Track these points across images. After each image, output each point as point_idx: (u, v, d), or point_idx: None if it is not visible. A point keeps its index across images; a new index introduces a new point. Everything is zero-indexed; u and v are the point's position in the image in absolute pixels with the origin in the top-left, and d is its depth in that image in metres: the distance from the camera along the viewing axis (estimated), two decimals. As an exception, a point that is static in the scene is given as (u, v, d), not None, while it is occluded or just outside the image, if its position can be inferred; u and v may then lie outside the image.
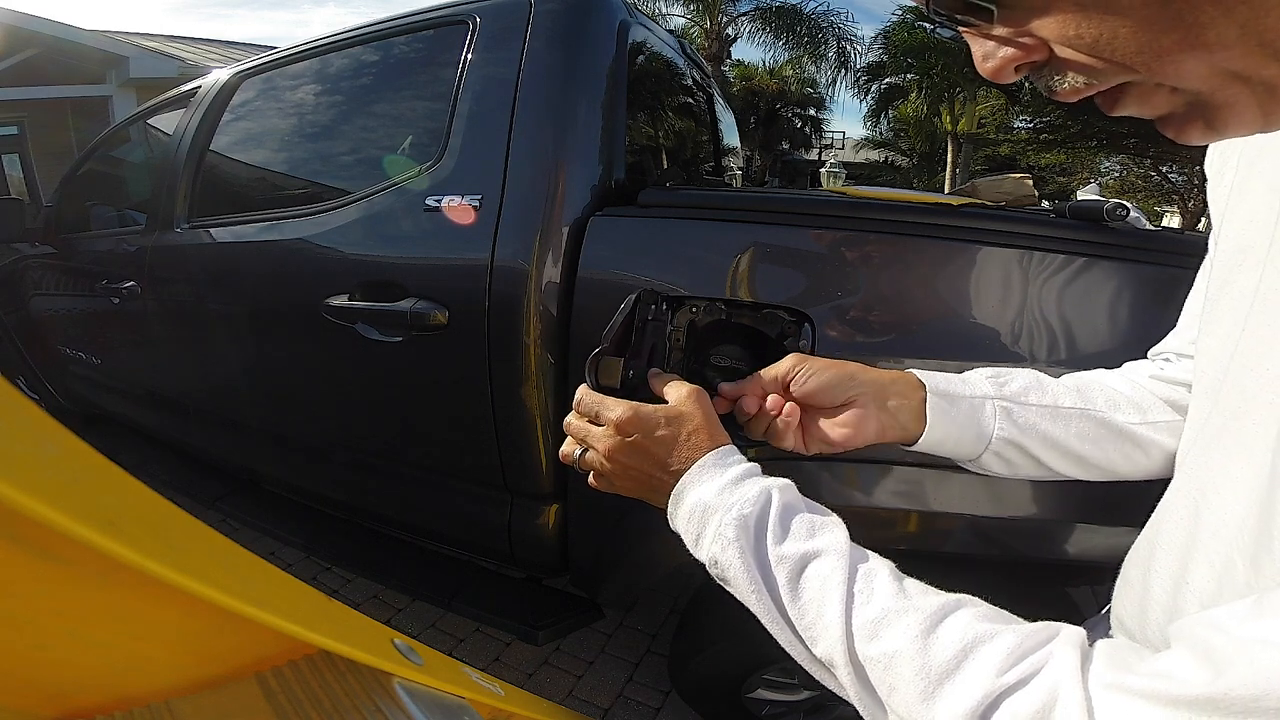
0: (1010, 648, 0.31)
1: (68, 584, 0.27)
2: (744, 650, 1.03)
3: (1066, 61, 0.28)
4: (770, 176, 9.80)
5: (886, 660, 0.34)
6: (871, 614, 0.35)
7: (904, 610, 0.34)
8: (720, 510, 0.42)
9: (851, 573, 0.37)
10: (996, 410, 0.50)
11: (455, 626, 1.59)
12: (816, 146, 17.27)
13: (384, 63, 1.28)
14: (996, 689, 0.30)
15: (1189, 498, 0.38)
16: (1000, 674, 0.30)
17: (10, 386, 0.26)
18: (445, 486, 1.19)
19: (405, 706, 0.37)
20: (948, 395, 0.50)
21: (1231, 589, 0.32)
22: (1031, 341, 0.75)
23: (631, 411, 0.48)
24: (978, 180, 1.48)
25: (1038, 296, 0.75)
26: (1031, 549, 0.81)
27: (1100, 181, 14.00)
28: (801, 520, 0.41)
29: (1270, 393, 0.33)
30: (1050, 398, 0.51)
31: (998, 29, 0.29)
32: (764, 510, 0.41)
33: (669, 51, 1.49)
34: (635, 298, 0.63)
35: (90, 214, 1.97)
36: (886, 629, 0.34)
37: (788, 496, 0.42)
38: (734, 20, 12.05)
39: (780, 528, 0.40)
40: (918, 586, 0.36)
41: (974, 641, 0.32)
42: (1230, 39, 0.25)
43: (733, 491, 0.43)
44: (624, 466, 0.49)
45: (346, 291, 1.12)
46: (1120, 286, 0.74)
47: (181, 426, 1.69)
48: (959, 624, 0.33)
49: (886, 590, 0.36)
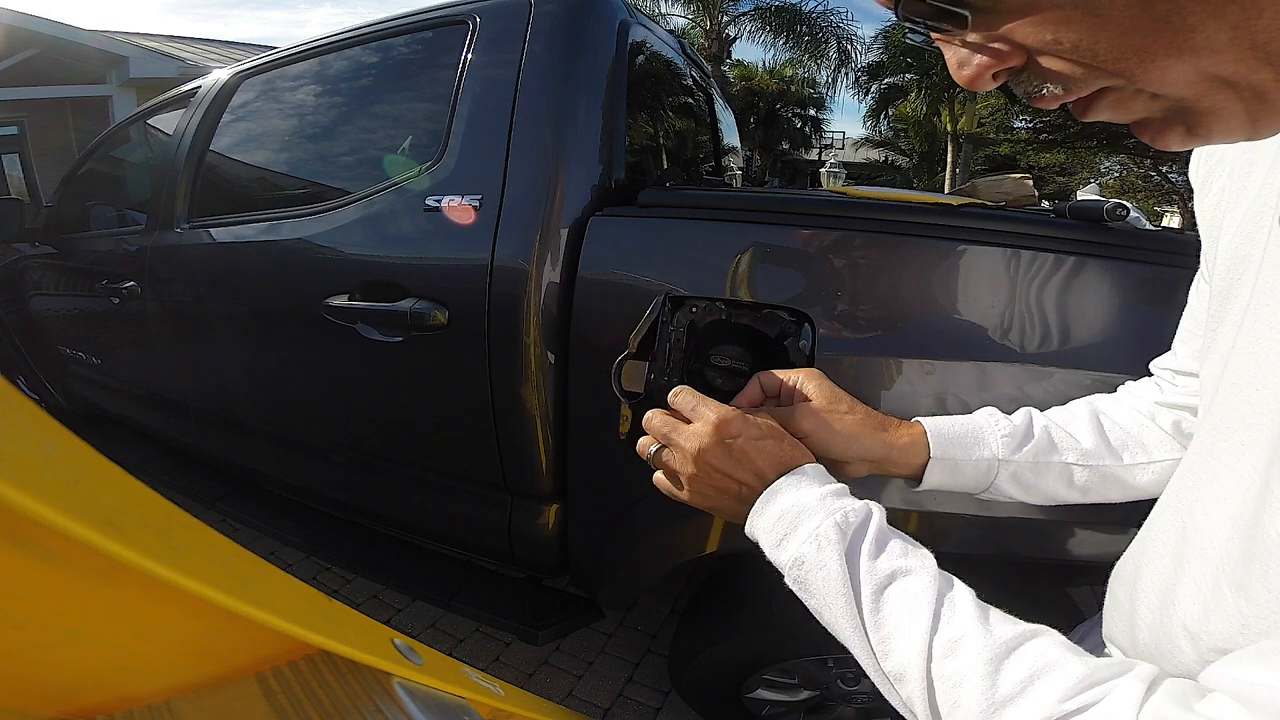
0: (1078, 677, 0.31)
1: (68, 584, 0.27)
2: (744, 650, 1.03)
3: (1045, 68, 0.27)
4: (770, 176, 9.80)
5: (956, 679, 0.34)
6: (951, 635, 0.36)
7: (981, 635, 0.35)
8: (821, 513, 0.43)
9: (940, 595, 0.38)
10: (1000, 470, 0.52)
11: (455, 626, 1.59)
12: (816, 146, 17.28)
13: (384, 63, 1.28)
14: (1057, 715, 0.30)
15: (1177, 518, 0.38)
16: (1063, 701, 0.30)
17: (10, 386, 0.26)
18: (445, 486, 1.19)
19: (405, 706, 0.37)
20: (951, 461, 0.52)
21: (1219, 614, 0.32)
22: (1030, 341, 0.75)
23: (735, 414, 0.49)
24: (978, 180, 1.48)
25: (1037, 296, 0.75)
26: (1031, 549, 0.81)
27: (1100, 181, 14.01)
28: (897, 541, 0.42)
29: (1257, 413, 0.32)
30: (1058, 455, 0.52)
31: (971, 35, 0.27)
32: (865, 521, 0.42)
33: (669, 52, 1.49)
34: (661, 301, 0.62)
35: (90, 214, 1.97)
36: (961, 650, 0.35)
37: (885, 519, 0.43)
38: (734, 20, 12.05)
39: (877, 543, 0.41)
40: (1000, 616, 0.37)
41: (1043, 669, 0.32)
42: (1220, 43, 0.23)
43: (836, 500, 0.44)
44: (710, 468, 0.49)
45: (346, 291, 1.12)
46: (1120, 287, 0.74)
47: (181, 426, 1.69)
48: (1032, 651, 0.33)
49: (968, 615, 0.36)
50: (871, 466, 0.53)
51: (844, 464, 0.53)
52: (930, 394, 0.77)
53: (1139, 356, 0.74)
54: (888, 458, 0.52)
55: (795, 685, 1.10)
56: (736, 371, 0.88)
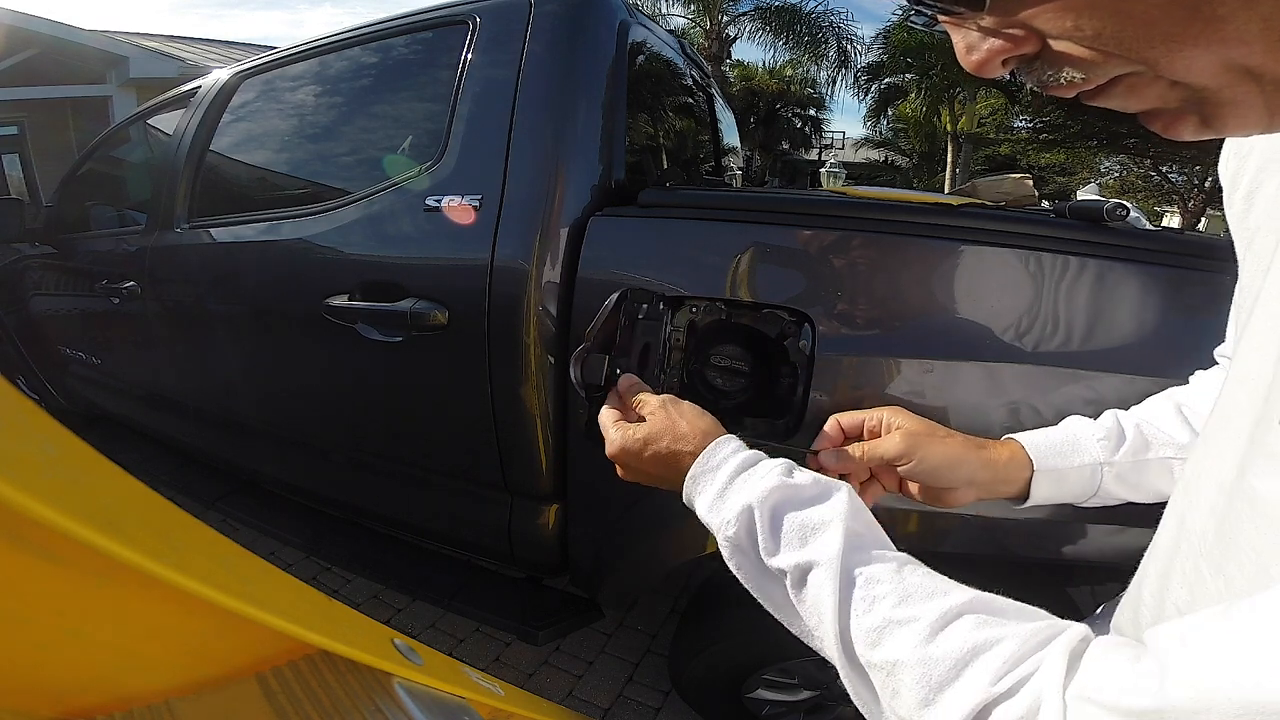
0: (1006, 656, 0.32)
1: (68, 584, 0.27)
2: (744, 650, 1.03)
3: (1062, 55, 0.26)
4: (770, 176, 9.80)
5: (889, 667, 0.34)
6: (873, 622, 0.35)
7: (907, 620, 0.35)
8: (716, 530, 0.43)
9: (847, 583, 0.37)
10: (1104, 473, 0.52)
11: (455, 626, 1.59)
12: (816, 146, 17.27)
13: (384, 63, 1.28)
14: (989, 697, 0.31)
15: (1178, 508, 0.38)
16: (993, 683, 0.31)
17: (10, 386, 0.26)
18: (445, 486, 1.19)
19: (405, 706, 0.37)
20: (1055, 471, 0.52)
21: (1204, 598, 0.32)
22: (1031, 341, 0.75)
23: (618, 447, 0.51)
24: (978, 180, 1.48)
25: (1037, 296, 0.75)
26: (1031, 549, 0.81)
27: (1100, 181, 14.00)
28: (792, 524, 0.40)
29: (1249, 402, 0.32)
30: (1155, 451, 0.52)
31: (986, 19, 0.26)
32: (750, 528, 0.41)
33: (669, 51, 1.49)
34: (619, 296, 0.64)
35: (90, 214, 1.97)
36: (889, 638, 0.35)
37: (773, 500, 0.41)
38: (734, 20, 12.04)
39: (772, 540, 0.40)
40: (922, 588, 0.36)
41: (973, 652, 0.32)
42: (1251, 34, 0.23)
43: (719, 509, 0.43)
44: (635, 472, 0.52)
45: (347, 291, 1.12)
46: (1120, 287, 0.74)
47: (181, 426, 1.69)
48: (959, 633, 0.33)
49: (889, 598, 0.36)
50: (979, 491, 0.53)
51: (950, 490, 0.53)
52: (931, 394, 0.77)
53: (1140, 356, 0.74)
54: (995, 478, 0.53)
55: (795, 685, 1.10)
56: (737, 372, 0.88)
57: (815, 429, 0.59)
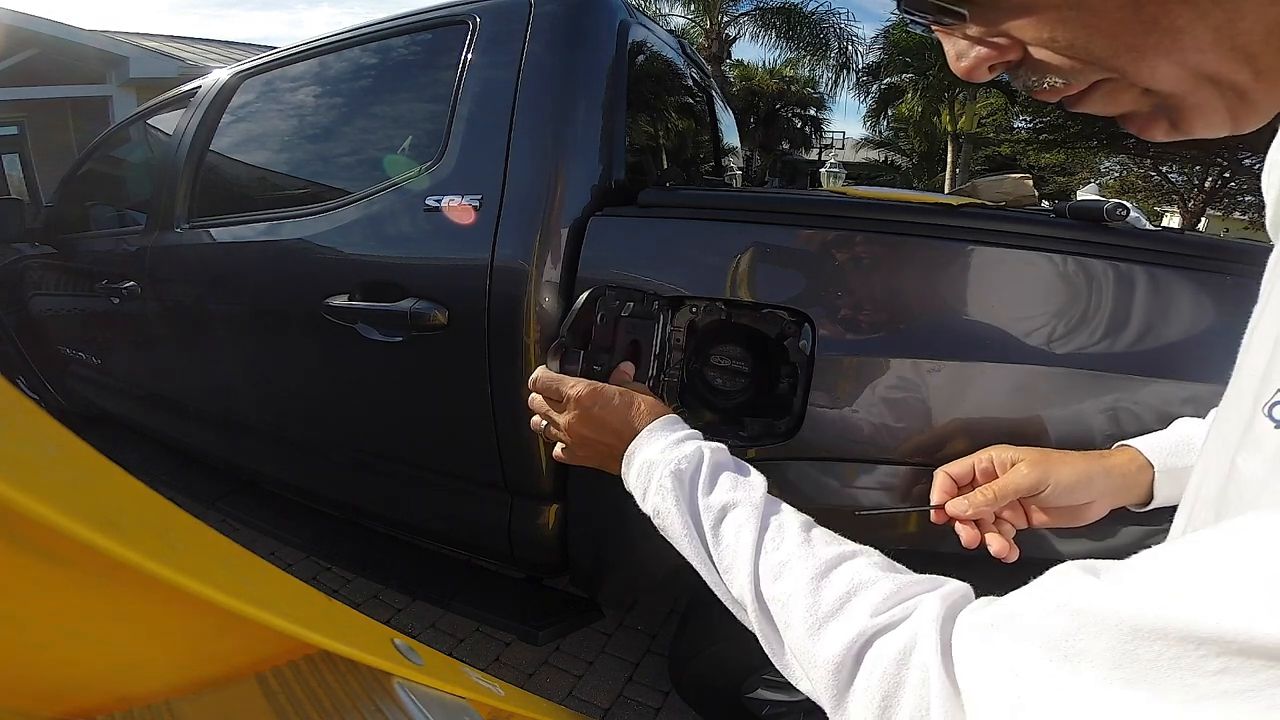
0: (886, 593, 0.34)
1: (68, 584, 0.27)
2: (744, 650, 1.03)
3: (1042, 62, 0.28)
4: (770, 176, 9.80)
5: (784, 599, 0.37)
6: (778, 559, 0.39)
7: (805, 556, 0.38)
8: (661, 465, 0.47)
9: (764, 523, 0.42)
10: None
11: (455, 626, 1.59)
12: (816, 146, 17.27)
13: (384, 63, 1.28)
14: (870, 629, 0.33)
15: (1187, 502, 0.38)
16: (874, 615, 0.33)
17: (10, 386, 0.26)
18: (445, 486, 1.19)
19: (405, 706, 0.37)
20: (1174, 471, 0.53)
21: None
22: (1031, 341, 0.75)
23: (589, 388, 0.55)
24: (978, 180, 1.48)
25: (1037, 296, 0.75)
26: (1031, 549, 0.81)
27: (1100, 181, 14.00)
28: (727, 476, 0.46)
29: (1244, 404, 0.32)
30: None
31: (971, 29, 0.29)
32: (697, 465, 0.47)
33: (669, 51, 1.48)
34: (590, 293, 0.65)
35: (90, 214, 1.97)
36: (788, 572, 0.38)
37: (719, 456, 0.48)
38: (734, 20, 12.04)
39: (710, 481, 0.46)
40: (825, 537, 0.41)
41: (858, 586, 0.35)
42: (1206, 43, 0.25)
43: (674, 450, 0.49)
44: (582, 437, 0.56)
45: (346, 291, 1.12)
46: (1120, 287, 0.74)
47: (181, 426, 1.69)
48: (849, 570, 0.37)
49: (794, 539, 0.40)
50: (1112, 500, 0.54)
51: (1085, 506, 0.54)
52: (931, 394, 0.77)
53: (1140, 356, 0.74)
54: (1123, 485, 0.54)
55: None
56: (736, 372, 0.88)
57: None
